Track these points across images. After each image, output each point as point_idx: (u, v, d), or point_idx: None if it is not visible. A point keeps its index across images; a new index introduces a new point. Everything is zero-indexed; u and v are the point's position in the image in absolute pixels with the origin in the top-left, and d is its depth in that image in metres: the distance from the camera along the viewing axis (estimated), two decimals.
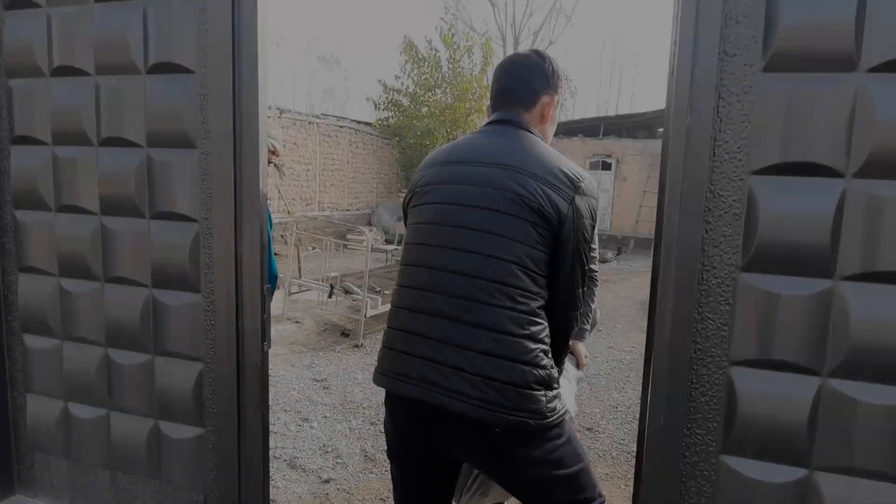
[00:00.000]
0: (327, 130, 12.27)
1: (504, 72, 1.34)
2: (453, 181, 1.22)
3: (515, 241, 1.12)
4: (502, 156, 1.19)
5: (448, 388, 1.11)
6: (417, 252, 1.23)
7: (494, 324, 1.11)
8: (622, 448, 3.20)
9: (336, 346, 4.84)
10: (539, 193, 1.13)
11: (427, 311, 1.16)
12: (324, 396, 3.76)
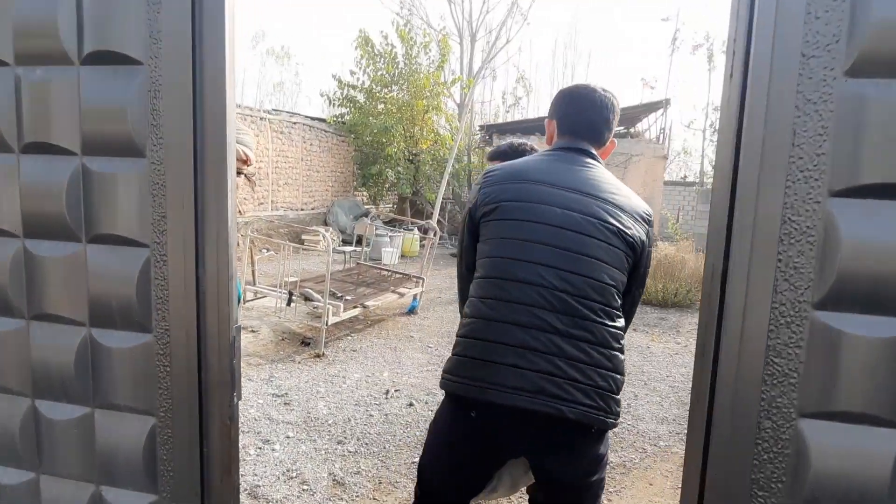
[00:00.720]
0: (280, 127, 11.81)
1: (591, 105, 1.45)
2: (548, 202, 1.30)
3: (615, 267, 1.29)
4: (595, 187, 1.33)
5: (567, 399, 1.22)
6: (516, 267, 1.28)
7: (601, 339, 1.26)
8: None
9: (296, 357, 4.58)
10: (632, 228, 1.32)
11: (536, 327, 1.24)
12: (285, 413, 3.52)
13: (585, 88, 1.50)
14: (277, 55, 28.28)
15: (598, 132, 1.46)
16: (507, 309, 1.27)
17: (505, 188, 1.36)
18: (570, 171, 1.36)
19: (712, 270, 0.80)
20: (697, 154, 21.80)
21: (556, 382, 1.22)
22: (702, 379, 0.83)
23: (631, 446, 3.28)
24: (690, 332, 6.13)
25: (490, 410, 1.27)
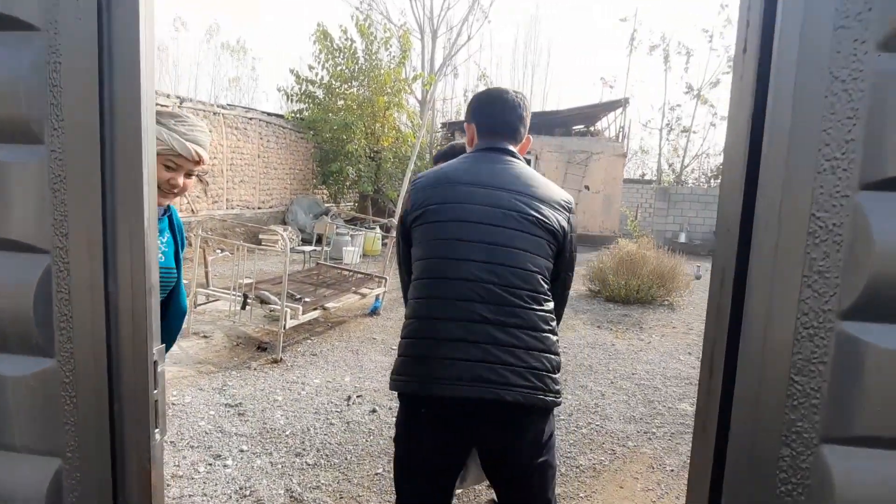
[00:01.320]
0: (235, 122, 11.37)
1: (505, 106, 1.54)
2: (472, 202, 1.40)
3: (538, 255, 1.39)
4: (514, 182, 1.43)
5: (503, 383, 1.29)
6: (446, 266, 1.38)
7: (531, 324, 1.34)
8: (572, 463, 3.04)
9: (252, 363, 4.35)
10: (551, 216, 1.43)
11: (468, 319, 1.32)
12: (239, 425, 3.30)
13: (498, 91, 1.60)
14: (233, 49, 27.36)
15: (514, 130, 1.56)
16: (440, 306, 1.37)
17: (431, 193, 1.46)
18: (492, 169, 1.47)
19: (722, 276, 0.69)
20: (654, 153, 22.30)
21: (492, 368, 1.31)
22: (708, 402, 0.72)
23: (600, 448, 3.22)
24: (653, 328, 6.18)
25: (436, 403, 1.37)
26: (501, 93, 1.57)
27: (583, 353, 5.07)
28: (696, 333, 5.99)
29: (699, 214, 14.90)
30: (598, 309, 7.02)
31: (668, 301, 7.47)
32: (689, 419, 3.68)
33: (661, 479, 2.91)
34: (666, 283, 7.38)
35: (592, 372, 4.57)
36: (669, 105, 20.16)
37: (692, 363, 4.91)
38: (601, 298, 7.57)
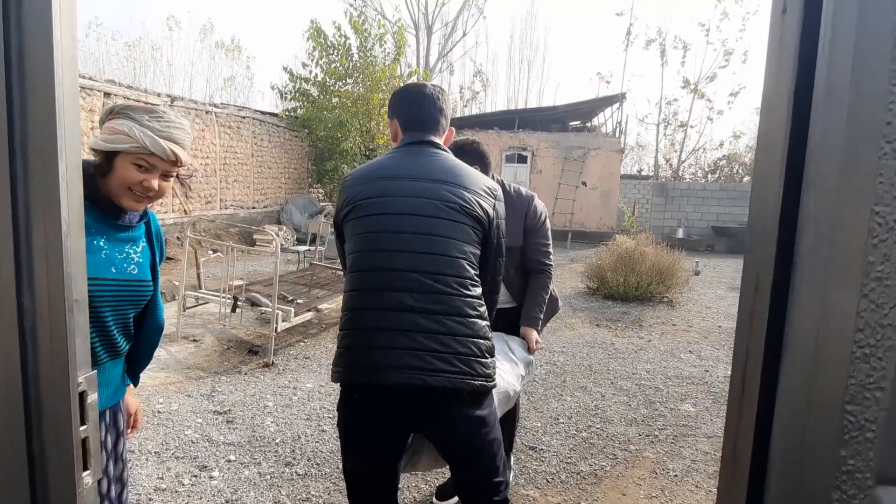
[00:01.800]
0: (228, 121, 11.22)
1: (426, 100, 1.60)
2: (399, 194, 1.45)
3: (463, 241, 1.44)
4: (439, 172, 1.48)
5: (429, 369, 1.34)
6: (374, 258, 1.43)
7: (457, 310, 1.39)
8: (572, 469, 2.93)
9: (242, 367, 4.23)
10: (474, 203, 1.46)
11: (398, 308, 1.37)
12: (227, 433, 3.18)
13: (417, 86, 1.67)
14: (227, 48, 27.17)
15: (436, 123, 1.61)
16: (370, 297, 1.43)
17: (359, 189, 1.52)
18: (417, 162, 1.53)
19: (756, 283, 0.57)
20: (651, 148, 22.19)
21: (418, 355, 1.35)
22: (738, 437, 0.61)
23: (601, 452, 3.11)
24: (653, 325, 6.08)
25: (368, 392, 1.44)
26: (421, 87, 1.65)
27: (581, 353, 4.96)
28: (697, 331, 5.89)
29: (697, 210, 14.80)
30: (597, 307, 6.91)
31: (667, 298, 7.37)
32: (691, 420, 3.57)
33: (664, 485, 2.80)
34: (665, 280, 7.27)
35: (592, 372, 4.46)
36: (666, 100, 20.05)
37: (693, 362, 4.81)
38: (599, 296, 7.46)
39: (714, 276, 9.80)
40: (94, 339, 1.26)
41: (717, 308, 7.05)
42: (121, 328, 1.34)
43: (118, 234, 1.32)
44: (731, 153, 20.60)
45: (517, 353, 2.22)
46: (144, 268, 1.38)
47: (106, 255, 1.28)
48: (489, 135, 14.82)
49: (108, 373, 1.34)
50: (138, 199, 1.29)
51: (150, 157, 1.26)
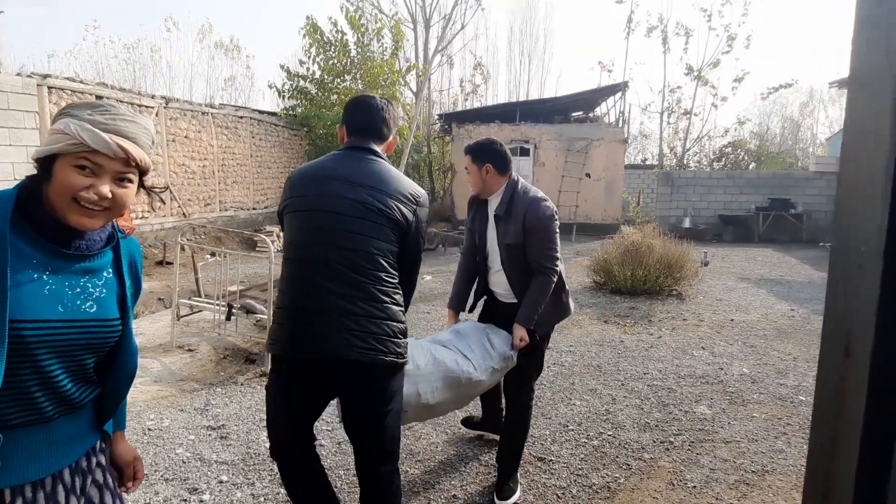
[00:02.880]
0: (225, 121, 11.06)
1: (371, 110, 1.80)
2: (331, 194, 1.68)
3: (381, 240, 1.68)
4: (368, 178, 1.70)
5: (346, 346, 1.60)
6: (305, 249, 1.68)
7: (373, 296, 1.65)
8: (583, 482, 2.76)
9: (239, 378, 4.08)
10: (394, 207, 1.69)
11: (318, 291, 1.62)
12: (220, 451, 3.04)
13: (366, 97, 1.87)
14: (226, 48, 26.99)
15: (378, 131, 1.82)
16: (299, 283, 1.68)
17: (300, 186, 1.75)
18: (352, 166, 1.74)
19: (846, 344, 0.40)
20: (655, 137, 21.89)
21: (338, 334, 1.61)
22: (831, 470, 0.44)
23: (613, 462, 2.95)
24: (663, 321, 5.89)
25: (295, 363, 1.69)
26: (368, 99, 1.85)
27: (590, 352, 4.79)
28: (709, 325, 5.70)
29: (703, 198, 14.55)
30: (604, 302, 6.73)
31: (676, 291, 7.18)
32: (707, 424, 3.40)
33: (683, 497, 2.63)
34: (674, 273, 7.08)
35: (601, 373, 4.29)
36: (669, 87, 19.72)
37: (707, 359, 4.63)
38: (606, 290, 7.28)
39: (723, 266, 9.59)
40: (35, 391, 1.06)
41: (728, 300, 6.86)
42: (75, 377, 1.12)
43: (70, 264, 1.09)
44: (736, 140, 20.28)
45: (496, 346, 2.40)
46: (107, 304, 1.14)
47: (50, 290, 1.06)
48: (490, 128, 14.60)
49: (59, 430, 1.12)
50: (89, 214, 1.06)
51: (92, 155, 1.04)
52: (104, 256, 1.16)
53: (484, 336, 2.44)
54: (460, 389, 2.24)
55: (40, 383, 1.06)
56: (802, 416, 3.51)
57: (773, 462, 2.95)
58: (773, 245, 12.71)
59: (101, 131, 1.05)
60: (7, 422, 1.03)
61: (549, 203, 2.45)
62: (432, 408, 2.20)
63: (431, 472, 2.83)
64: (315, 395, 1.75)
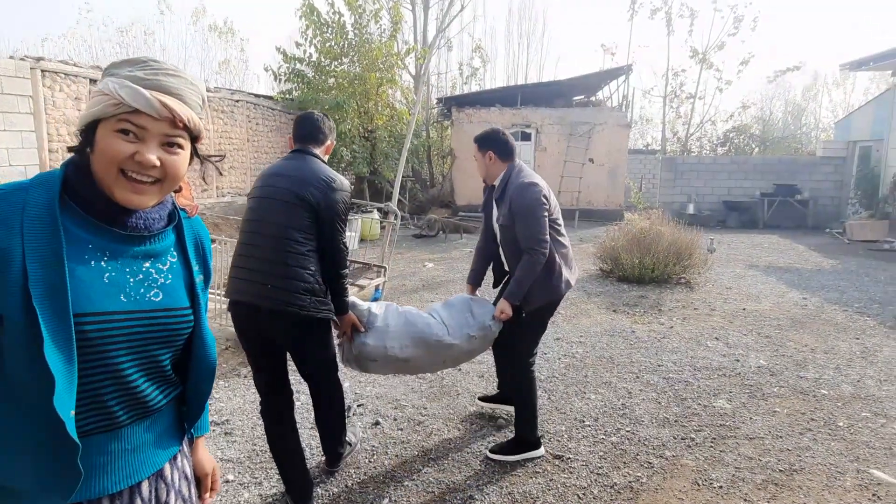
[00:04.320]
0: (221, 105, 10.80)
1: (305, 121, 2.40)
2: (271, 185, 2.26)
3: (297, 219, 2.19)
4: (296, 171, 2.26)
5: (268, 297, 2.14)
6: (248, 224, 2.28)
7: (293, 263, 2.17)
8: (604, 482, 2.65)
9: (242, 370, 3.95)
10: (308, 193, 2.20)
11: (255, 258, 2.20)
12: (225, 447, 2.91)
13: (307, 114, 2.42)
14: (220, 31, 26.51)
15: (315, 138, 2.38)
16: (243, 251, 2.24)
17: (257, 179, 2.33)
18: (290, 164, 2.29)
19: None
20: (657, 121, 21.64)
21: (264, 287, 2.13)
22: None
23: (634, 460, 2.83)
24: (673, 310, 5.77)
25: (238, 306, 2.23)
26: (308, 114, 2.42)
27: (601, 343, 4.67)
28: (720, 315, 5.58)
29: (707, 184, 14.39)
30: (612, 290, 6.60)
31: (684, 279, 7.05)
32: (728, 419, 3.28)
33: (709, 498, 2.52)
34: (682, 260, 6.95)
35: (614, 365, 4.17)
36: (673, 71, 19.42)
37: (722, 350, 4.51)
38: (613, 278, 7.16)
39: (730, 253, 9.47)
40: (107, 393, 0.93)
41: (738, 288, 6.73)
42: (151, 375, 1.00)
43: (128, 247, 0.96)
44: (740, 125, 20.05)
45: (476, 317, 2.70)
46: (176, 291, 1.01)
47: (110, 278, 0.93)
48: (491, 112, 14.36)
49: (135, 436, 0.99)
50: (138, 189, 0.93)
51: (134, 116, 0.90)
52: (166, 238, 1.03)
53: (467, 307, 2.75)
54: (431, 349, 2.57)
55: (113, 384, 0.94)
56: (826, 412, 3.40)
57: (801, 461, 2.84)
58: (778, 231, 12.58)
59: (142, 87, 0.91)
60: (79, 428, 0.90)
61: (536, 188, 2.61)
62: (406, 361, 2.55)
63: (445, 472, 2.71)
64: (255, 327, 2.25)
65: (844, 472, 2.75)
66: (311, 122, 2.38)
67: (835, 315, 5.57)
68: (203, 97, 1.01)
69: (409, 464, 2.78)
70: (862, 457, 2.89)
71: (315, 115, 2.41)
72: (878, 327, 5.16)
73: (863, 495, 2.56)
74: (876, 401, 3.56)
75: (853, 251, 9.83)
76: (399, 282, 6.99)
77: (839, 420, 3.29)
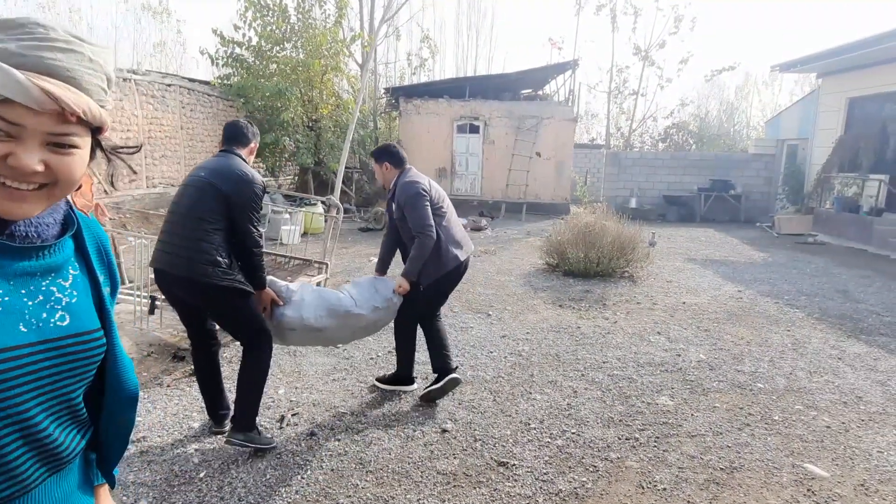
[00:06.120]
0: (150, 90, 10.11)
1: (233, 126, 2.87)
2: (192, 176, 2.72)
3: (209, 206, 2.61)
4: (216, 165, 2.70)
5: (184, 266, 2.57)
6: (172, 205, 2.72)
7: (202, 238, 2.58)
8: (550, 489, 2.56)
9: (165, 377, 3.64)
10: (220, 185, 2.61)
11: (175, 235, 2.64)
12: (139, 469, 2.64)
13: (236, 120, 2.93)
14: (154, 11, 24.98)
15: (239, 140, 2.84)
16: (165, 227, 2.72)
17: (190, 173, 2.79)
18: (214, 161, 2.75)
19: None
20: (602, 116, 22.08)
21: (179, 258, 2.59)
22: None
23: (580, 464, 2.77)
24: (617, 304, 5.82)
25: (157, 273, 2.74)
26: (236, 121, 2.90)
27: (547, 340, 4.62)
28: (662, 308, 5.67)
29: (648, 179, 14.79)
30: (558, 285, 6.61)
31: (627, 273, 7.16)
32: (671, 417, 3.29)
33: (654, 501, 2.48)
34: (626, 254, 7.05)
35: (560, 362, 4.12)
36: (617, 67, 19.84)
37: (664, 345, 4.56)
38: (559, 273, 7.17)
39: (670, 246, 9.73)
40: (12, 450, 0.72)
41: (678, 282, 6.89)
42: (63, 418, 0.80)
43: (21, 262, 0.76)
44: (679, 121, 20.75)
45: (380, 291, 3.19)
46: (84, 311, 0.82)
47: (3, 304, 0.72)
48: (439, 104, 14.18)
49: (47, 496, 0.79)
50: (16, 196, 0.72)
51: (5, 107, 0.68)
52: (65, 248, 0.82)
53: (372, 284, 3.25)
54: (343, 319, 3.00)
55: (20, 437, 0.73)
56: (762, 405, 3.46)
57: (741, 457, 2.86)
58: (714, 225, 13.09)
59: (16, 68, 0.68)
60: None
61: (417, 184, 3.19)
62: (320, 331, 2.95)
63: (384, 485, 2.55)
64: (176, 295, 2.77)
65: (781, 467, 2.78)
66: (236, 128, 2.86)
67: (767, 307, 5.77)
68: (108, 76, 0.78)
69: (346, 479, 2.60)
70: (797, 451, 2.94)
71: (241, 122, 2.90)
72: (807, 319, 5.38)
73: (798, 490, 2.59)
74: (807, 393, 3.66)
75: (782, 244, 10.33)
76: (342, 277, 6.74)
77: (774, 414, 3.36)
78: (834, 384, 3.81)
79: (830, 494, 2.56)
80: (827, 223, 11.19)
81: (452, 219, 3.35)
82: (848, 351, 4.48)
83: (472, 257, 3.54)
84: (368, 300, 3.10)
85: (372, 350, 4.25)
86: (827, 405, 3.49)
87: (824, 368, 4.10)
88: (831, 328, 5.09)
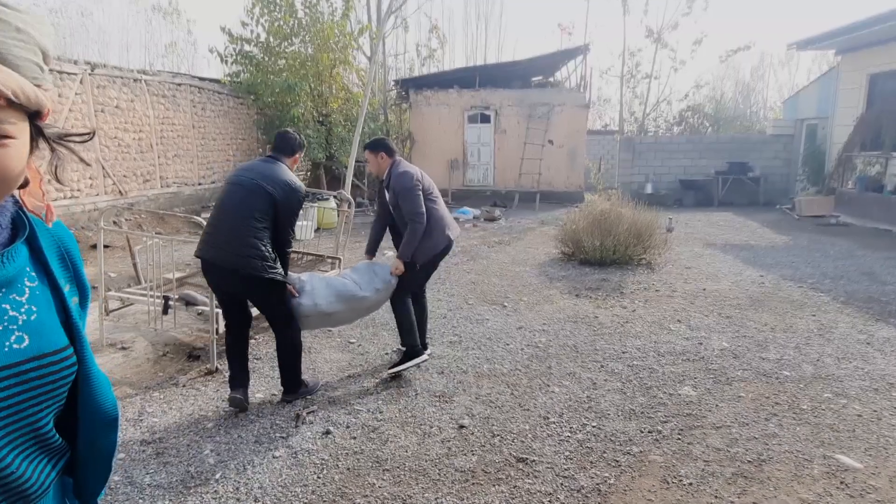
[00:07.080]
0: (161, 89, 10.13)
1: (284, 137, 3.21)
2: (241, 177, 3.05)
3: (256, 206, 2.94)
4: (264, 170, 3.05)
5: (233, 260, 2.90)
6: (219, 205, 3.04)
7: (251, 235, 2.90)
8: (571, 485, 2.49)
9: (180, 377, 3.63)
10: (269, 188, 2.96)
11: (222, 229, 2.97)
12: (155, 471, 2.62)
13: (286, 130, 3.28)
14: (165, 12, 25.08)
15: (283, 148, 3.19)
16: (213, 223, 3.05)
17: (233, 171, 3.16)
18: (261, 165, 3.10)
19: None
20: (614, 101, 21.73)
21: (229, 252, 2.90)
22: None
23: (601, 459, 2.69)
24: (635, 292, 5.71)
25: (205, 262, 3.05)
26: (286, 132, 3.25)
27: (564, 331, 4.54)
28: (682, 296, 5.54)
29: (664, 164, 14.52)
30: (574, 274, 6.50)
31: (645, 260, 7.02)
32: (694, 408, 3.19)
33: (680, 497, 2.40)
34: (643, 241, 6.91)
35: (578, 353, 4.04)
36: (629, 51, 19.47)
37: (684, 333, 4.45)
38: (575, 262, 7.06)
39: (688, 232, 9.54)
40: None
41: (698, 268, 6.74)
42: (29, 451, 0.71)
43: None
44: (694, 104, 20.34)
45: (379, 274, 3.49)
46: (46, 328, 0.72)
47: None
48: (449, 94, 14.04)
49: None
50: None
51: None
52: (17, 257, 0.72)
53: (370, 268, 3.55)
54: (350, 302, 3.35)
55: None
56: (790, 394, 3.35)
57: (769, 449, 2.76)
58: (732, 209, 12.82)
59: None
60: None
61: (409, 174, 3.48)
62: (331, 315, 3.32)
63: (401, 484, 2.51)
64: (222, 284, 3.09)
65: (812, 458, 2.68)
66: (285, 138, 3.20)
67: (791, 292, 5.61)
68: (44, 49, 0.67)
69: (363, 478, 2.56)
70: (827, 441, 2.84)
71: (290, 133, 3.23)
72: (832, 303, 5.22)
73: (831, 483, 2.49)
74: (836, 380, 3.54)
75: (803, 227, 10.07)
76: None
77: (802, 403, 3.25)
78: (864, 370, 3.68)
79: (865, 486, 2.46)
80: (849, 204, 10.89)
81: (441, 204, 3.70)
82: (876, 335, 4.33)
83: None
84: (370, 283, 3.42)
85: (387, 345, 4.20)
86: (857, 392, 3.37)
87: (853, 354, 3.96)
88: (858, 312, 4.93)
